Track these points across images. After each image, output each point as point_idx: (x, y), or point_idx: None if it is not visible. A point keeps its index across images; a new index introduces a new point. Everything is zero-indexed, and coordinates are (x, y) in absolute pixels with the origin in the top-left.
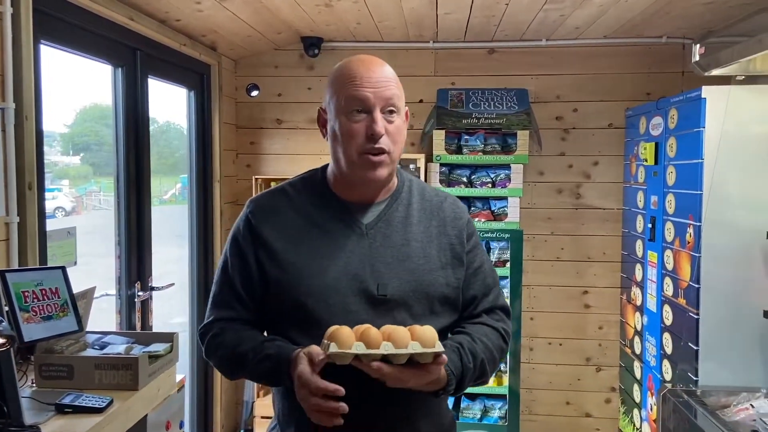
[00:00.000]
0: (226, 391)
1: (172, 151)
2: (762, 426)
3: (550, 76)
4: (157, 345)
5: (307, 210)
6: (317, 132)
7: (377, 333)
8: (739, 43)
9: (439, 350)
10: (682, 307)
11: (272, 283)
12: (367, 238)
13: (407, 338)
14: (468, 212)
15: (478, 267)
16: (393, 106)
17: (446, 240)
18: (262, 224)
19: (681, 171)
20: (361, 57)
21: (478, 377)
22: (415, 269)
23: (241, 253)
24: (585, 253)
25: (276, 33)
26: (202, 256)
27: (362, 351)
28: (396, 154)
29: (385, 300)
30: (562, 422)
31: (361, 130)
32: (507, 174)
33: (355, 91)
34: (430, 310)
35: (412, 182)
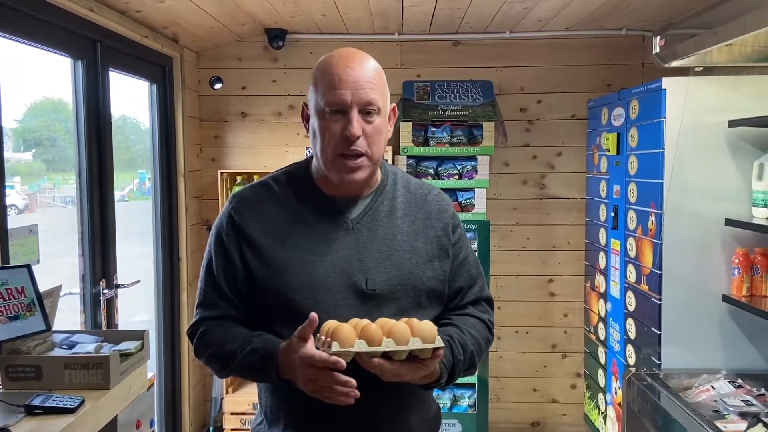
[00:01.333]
0: (195, 388)
1: (129, 146)
2: (723, 406)
3: (513, 68)
4: (127, 343)
5: (292, 205)
6: (283, 125)
7: (377, 329)
8: (697, 35)
9: (439, 345)
10: (645, 293)
11: (258, 280)
12: (354, 233)
13: (408, 334)
14: (452, 205)
15: (464, 259)
16: (372, 107)
17: (432, 233)
18: (245, 220)
19: (642, 160)
20: (343, 53)
21: (467, 368)
22: (402, 263)
23: (225, 250)
24: (550, 242)
25: (240, 25)
26: (167, 252)
27: (365, 349)
28: (376, 155)
29: (374, 294)
30: (529, 408)
31: (338, 130)
32: (473, 165)
33: (332, 93)
34: (418, 303)
35: (396, 175)
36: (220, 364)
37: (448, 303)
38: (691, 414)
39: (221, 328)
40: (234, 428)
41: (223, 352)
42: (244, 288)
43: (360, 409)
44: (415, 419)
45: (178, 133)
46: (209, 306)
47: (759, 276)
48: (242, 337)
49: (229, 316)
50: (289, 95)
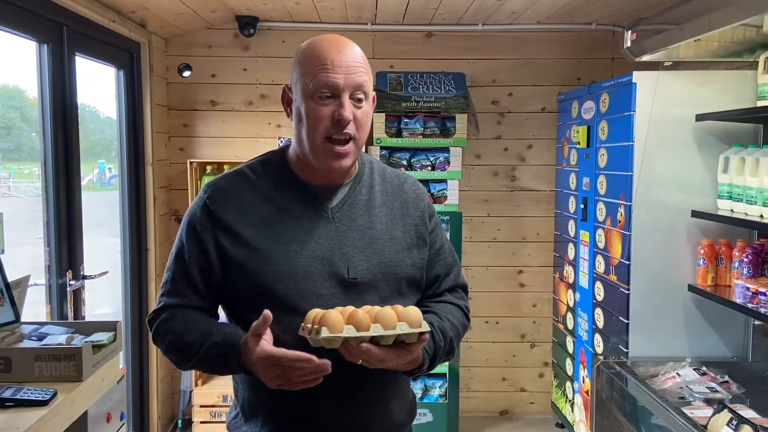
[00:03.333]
0: (163, 381)
1: (88, 135)
2: (688, 393)
3: (486, 60)
4: (99, 334)
5: (269, 194)
6: (254, 114)
7: (365, 315)
8: (666, 30)
9: (425, 330)
10: (614, 284)
11: (235, 268)
12: (334, 222)
13: (395, 319)
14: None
15: (440, 247)
16: (362, 92)
17: (410, 221)
18: (222, 209)
19: (612, 153)
20: (331, 38)
21: (447, 354)
22: (382, 251)
23: (199, 238)
24: (520, 233)
25: (210, 11)
26: (135, 243)
27: (353, 334)
28: (361, 140)
29: (356, 283)
30: (498, 397)
31: (328, 114)
32: (446, 157)
33: (325, 76)
34: (398, 291)
35: (373, 164)
36: (179, 356)
37: (425, 290)
38: (659, 401)
39: (183, 317)
40: (203, 421)
41: (183, 343)
42: (217, 278)
43: (342, 399)
44: (395, 407)
45: (146, 122)
46: (175, 294)
47: (723, 266)
48: (202, 329)
49: (194, 305)
50: (260, 84)
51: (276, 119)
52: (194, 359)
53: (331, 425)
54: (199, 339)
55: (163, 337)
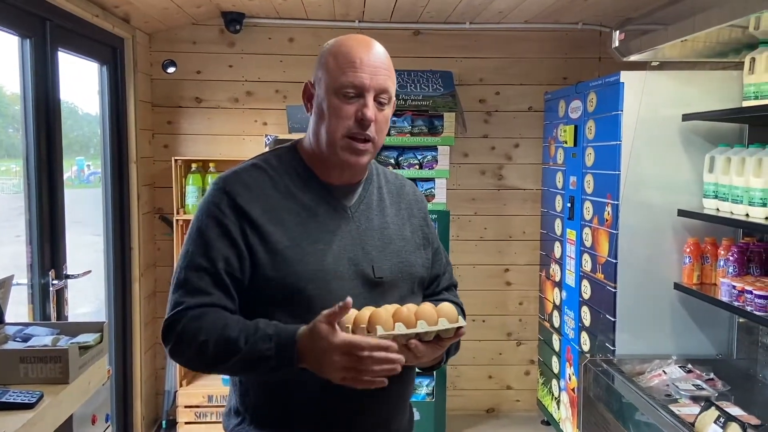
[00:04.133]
0: (147, 381)
1: (66, 131)
2: (674, 390)
3: (473, 59)
4: (85, 335)
5: (290, 190)
6: (240, 112)
7: (409, 312)
8: (654, 31)
9: (462, 324)
10: (601, 282)
11: (261, 268)
12: (353, 220)
13: (435, 316)
14: None
15: (438, 247)
16: (385, 96)
17: (416, 222)
18: (247, 202)
19: (599, 152)
20: (361, 38)
21: (455, 349)
22: (399, 251)
23: (227, 234)
24: (506, 232)
25: (195, 6)
26: (118, 241)
27: (404, 331)
28: (379, 143)
29: (381, 282)
30: (485, 395)
31: (352, 112)
32: (434, 156)
33: (353, 75)
34: (412, 290)
35: (378, 166)
36: (217, 354)
37: (425, 289)
38: (646, 399)
39: (216, 313)
40: (188, 422)
41: (223, 339)
42: (246, 275)
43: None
44: (408, 405)
45: (130, 118)
46: (198, 293)
47: (709, 264)
48: (245, 324)
49: (221, 305)
50: (246, 81)
51: (262, 117)
52: (236, 357)
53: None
54: (243, 333)
55: (193, 337)
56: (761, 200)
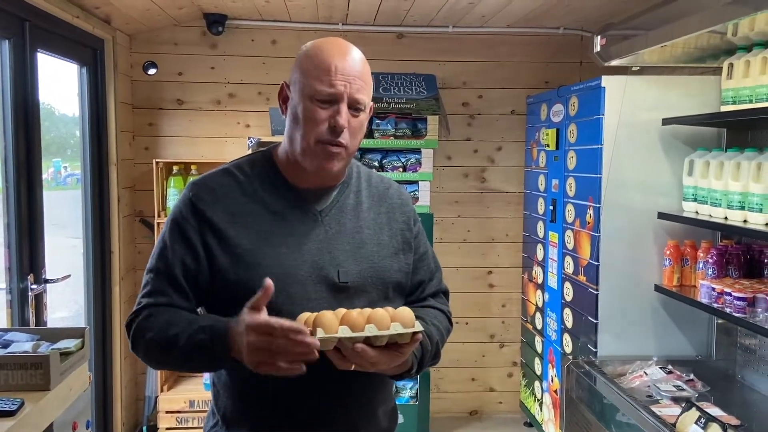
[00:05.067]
0: (127, 386)
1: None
2: (656, 391)
3: (456, 62)
4: (66, 341)
5: (258, 195)
6: (222, 114)
7: (359, 315)
8: (635, 36)
9: (418, 330)
10: (583, 284)
11: (223, 272)
12: (323, 225)
13: (388, 320)
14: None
15: (424, 252)
16: (361, 104)
17: (396, 226)
18: (209, 207)
19: (581, 156)
20: (338, 43)
21: (433, 358)
22: (371, 256)
23: (185, 237)
24: (489, 234)
25: (177, 8)
26: (97, 244)
27: (348, 334)
28: (353, 149)
29: (346, 287)
30: (468, 398)
31: (324, 118)
32: (417, 158)
33: (327, 82)
34: (385, 296)
35: (360, 169)
36: (162, 349)
37: (409, 296)
38: (629, 400)
39: (166, 312)
40: (169, 427)
41: (168, 335)
42: (204, 279)
43: (330, 406)
44: (381, 413)
45: (110, 120)
46: (156, 293)
47: (688, 267)
48: (189, 319)
49: (177, 305)
50: (228, 83)
51: (245, 119)
52: (177, 351)
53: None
54: (185, 329)
55: (143, 335)
56: (739, 203)
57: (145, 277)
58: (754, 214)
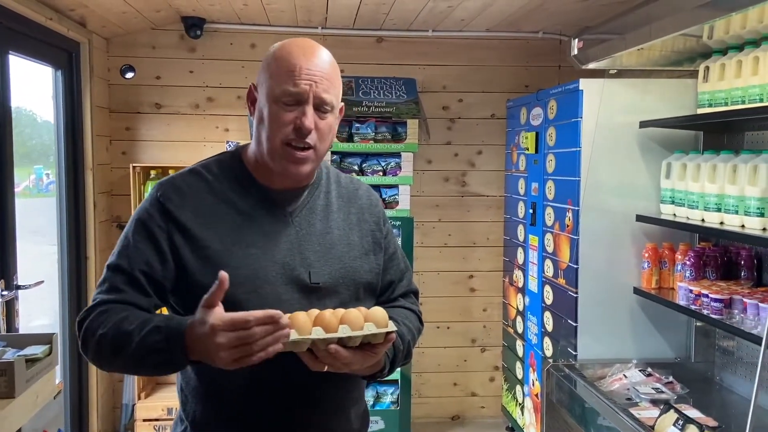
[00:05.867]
0: (104, 395)
1: (24, 140)
2: (635, 394)
3: (436, 66)
4: (33, 348)
5: (228, 195)
6: (201, 118)
7: (332, 316)
8: (611, 39)
9: (392, 330)
10: (562, 287)
11: (190, 272)
12: (293, 225)
13: (361, 320)
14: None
15: (393, 252)
16: (328, 104)
17: (366, 227)
18: (177, 207)
19: (560, 159)
20: (304, 43)
21: (405, 357)
22: (341, 257)
23: (151, 237)
24: (470, 238)
25: (155, 11)
26: (73, 251)
27: (322, 335)
28: (322, 151)
29: (318, 288)
30: (450, 402)
31: (290, 120)
32: (397, 162)
33: (292, 83)
34: (356, 296)
35: (329, 170)
36: (113, 348)
37: (379, 296)
38: (607, 403)
39: (120, 309)
40: None
41: (120, 333)
42: (169, 279)
43: (301, 408)
44: (353, 414)
45: (86, 124)
46: (113, 290)
47: (667, 269)
48: (143, 317)
49: (132, 302)
50: (207, 87)
51: (224, 123)
52: (129, 350)
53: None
54: (137, 327)
55: (93, 332)
56: (716, 205)
57: (104, 274)
58: (729, 216)
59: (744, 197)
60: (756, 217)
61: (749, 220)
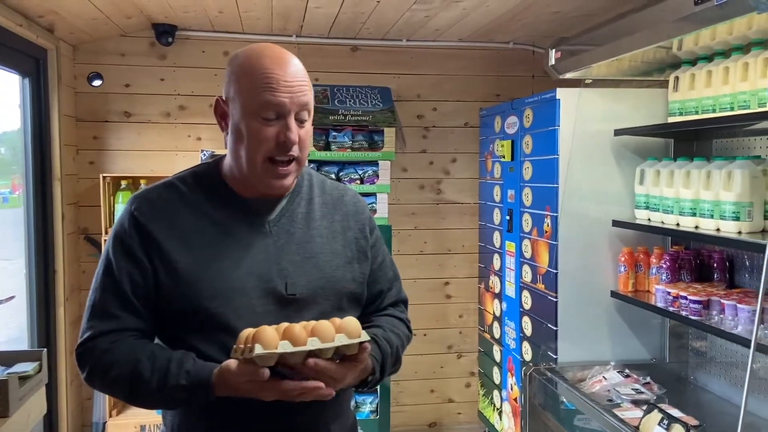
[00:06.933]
0: (73, 412)
1: None
2: (616, 395)
3: (410, 75)
4: (23, 365)
5: (202, 208)
6: (172, 127)
7: (301, 329)
8: (588, 50)
9: (365, 339)
10: (542, 292)
11: (166, 284)
12: (271, 235)
13: (332, 331)
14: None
15: (382, 261)
16: (307, 111)
17: (351, 234)
18: (151, 221)
19: (537, 166)
20: (274, 52)
21: (394, 364)
22: (322, 266)
23: (130, 253)
24: (446, 245)
25: (125, 17)
26: (41, 264)
27: (289, 349)
28: (304, 159)
29: (294, 299)
30: (427, 410)
31: (273, 135)
32: (374, 170)
33: (270, 96)
34: (339, 307)
35: (312, 176)
36: (131, 392)
37: (368, 306)
38: (592, 404)
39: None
40: None
41: (136, 378)
42: (151, 294)
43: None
44: (336, 428)
45: (54, 133)
46: (106, 318)
47: (642, 272)
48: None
49: (130, 328)
50: (179, 95)
51: (196, 132)
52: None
53: None
54: (156, 373)
55: (105, 371)
56: (691, 210)
57: (91, 297)
58: (705, 220)
59: (719, 202)
60: (731, 221)
61: (725, 223)
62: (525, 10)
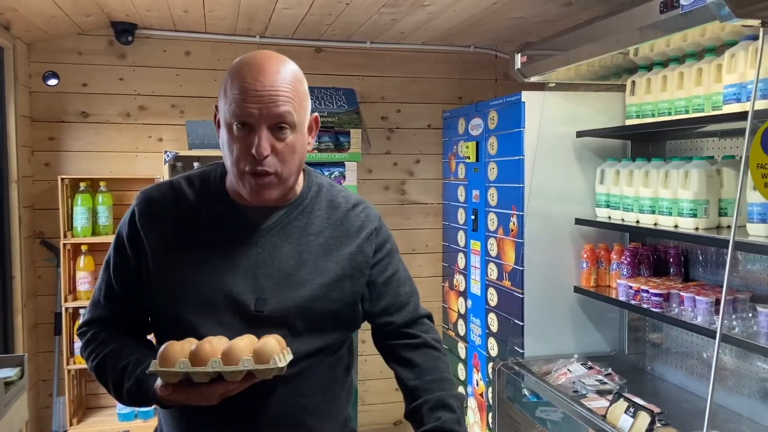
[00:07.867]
0: (31, 421)
1: None
2: (581, 386)
3: (374, 77)
4: (5, 370)
5: (197, 212)
6: (132, 127)
7: (211, 348)
8: (552, 55)
9: (274, 366)
10: (508, 289)
11: (148, 285)
12: (256, 247)
13: (245, 352)
14: (380, 220)
15: (390, 276)
16: (284, 123)
17: (346, 251)
18: (144, 221)
19: (502, 167)
20: (258, 59)
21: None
22: (301, 284)
23: (122, 249)
24: (410, 245)
25: (84, 15)
26: None
27: (187, 369)
28: (287, 172)
29: (261, 317)
30: (393, 408)
31: (244, 148)
32: (341, 171)
33: (238, 106)
34: (315, 326)
35: (321, 187)
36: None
37: (377, 325)
38: (562, 396)
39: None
40: None
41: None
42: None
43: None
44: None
45: (10, 134)
46: (98, 306)
47: (603, 268)
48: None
49: (116, 317)
50: (139, 95)
51: (157, 132)
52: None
53: None
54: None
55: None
56: (650, 208)
57: (99, 279)
58: (664, 217)
59: (678, 200)
60: (689, 217)
61: (683, 220)
62: (486, 16)
